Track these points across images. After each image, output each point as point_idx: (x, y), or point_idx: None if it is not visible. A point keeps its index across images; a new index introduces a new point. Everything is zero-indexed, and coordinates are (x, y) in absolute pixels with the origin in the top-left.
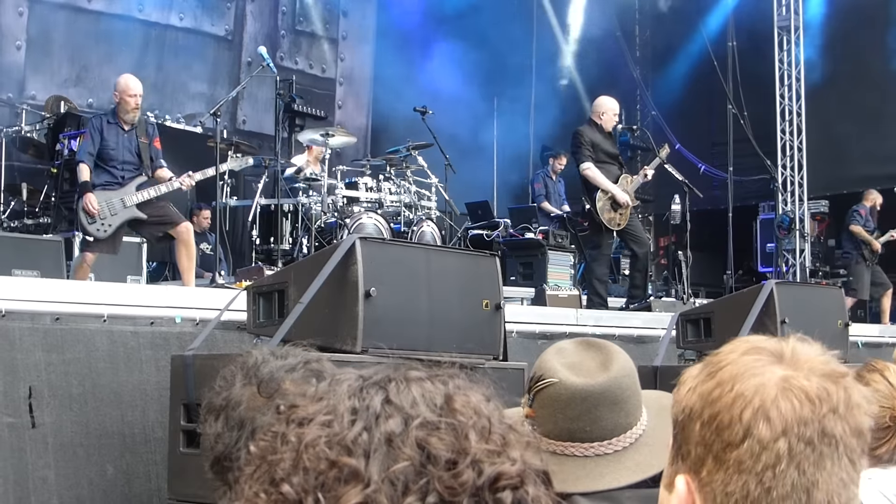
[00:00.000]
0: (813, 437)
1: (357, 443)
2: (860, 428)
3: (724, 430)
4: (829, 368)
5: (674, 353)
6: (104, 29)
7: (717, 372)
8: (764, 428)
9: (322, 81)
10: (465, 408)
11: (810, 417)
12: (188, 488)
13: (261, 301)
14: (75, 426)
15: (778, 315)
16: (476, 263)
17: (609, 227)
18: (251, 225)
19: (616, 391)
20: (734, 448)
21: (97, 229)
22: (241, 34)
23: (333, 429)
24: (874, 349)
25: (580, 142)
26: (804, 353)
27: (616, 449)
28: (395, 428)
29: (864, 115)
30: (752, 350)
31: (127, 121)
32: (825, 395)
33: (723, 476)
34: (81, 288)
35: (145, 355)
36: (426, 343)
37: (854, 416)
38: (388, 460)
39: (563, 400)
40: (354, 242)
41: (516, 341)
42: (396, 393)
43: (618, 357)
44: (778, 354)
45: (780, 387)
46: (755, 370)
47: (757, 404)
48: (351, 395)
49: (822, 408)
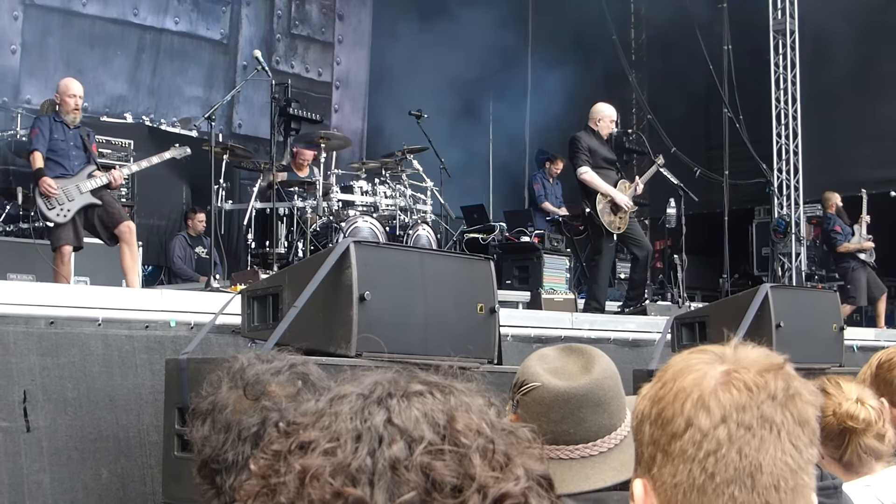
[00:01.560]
0: (752, 422)
1: (361, 470)
2: (803, 416)
3: (668, 424)
4: (768, 362)
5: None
6: (99, 33)
7: (664, 374)
8: (703, 417)
9: (318, 85)
10: (468, 429)
11: (748, 403)
12: (183, 492)
13: (255, 305)
14: (70, 430)
15: (773, 319)
16: (471, 267)
17: (610, 230)
18: (246, 228)
19: (598, 393)
20: (678, 439)
21: (56, 214)
22: (236, 38)
23: (337, 457)
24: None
25: (577, 147)
26: (745, 352)
27: (601, 450)
28: (400, 454)
29: (860, 118)
30: (696, 351)
31: (69, 122)
32: (763, 383)
33: (670, 468)
34: (76, 292)
35: (140, 359)
36: (421, 347)
37: (794, 404)
38: (393, 488)
39: (547, 403)
40: (349, 246)
41: (511, 345)
42: (398, 412)
43: (599, 360)
44: (720, 354)
45: (719, 379)
46: (696, 367)
47: (696, 395)
48: (353, 415)
49: (761, 395)
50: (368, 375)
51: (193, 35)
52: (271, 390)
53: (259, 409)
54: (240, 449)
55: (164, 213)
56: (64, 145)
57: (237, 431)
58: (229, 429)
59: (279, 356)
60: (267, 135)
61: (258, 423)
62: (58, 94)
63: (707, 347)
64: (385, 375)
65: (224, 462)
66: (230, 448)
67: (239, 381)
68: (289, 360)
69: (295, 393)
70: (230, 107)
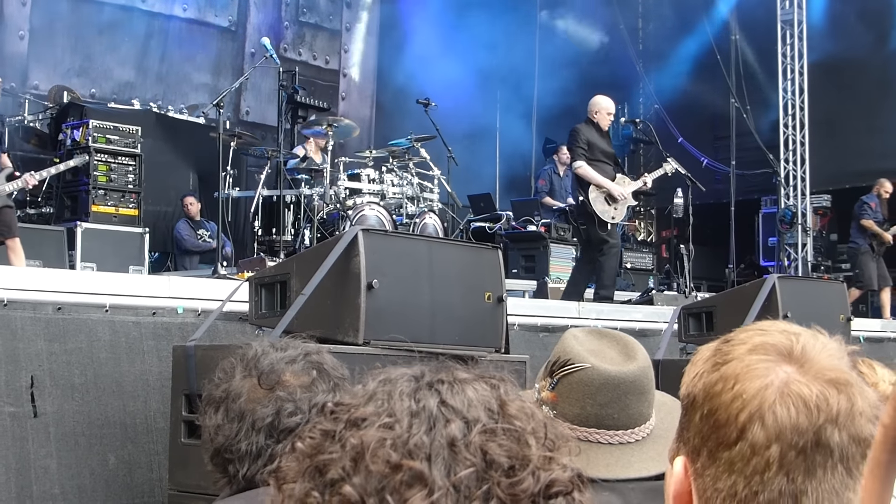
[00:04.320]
0: (806, 446)
1: (419, 446)
2: (862, 435)
3: (720, 428)
4: (835, 375)
5: (676, 346)
6: (107, 19)
7: (723, 365)
8: (758, 432)
9: (325, 73)
10: (521, 412)
11: (806, 427)
12: (189, 479)
13: (263, 292)
14: (77, 416)
15: (780, 309)
16: (478, 256)
17: (603, 219)
18: (253, 216)
19: (644, 380)
20: (727, 448)
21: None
22: (244, 25)
23: (395, 431)
24: (876, 344)
25: (576, 140)
26: (813, 354)
27: (637, 438)
28: (457, 433)
29: (866, 109)
30: (760, 348)
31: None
32: (824, 404)
33: (714, 472)
34: (84, 278)
35: (147, 346)
36: (428, 335)
37: (854, 424)
38: (451, 464)
39: (596, 385)
40: (357, 234)
41: (518, 334)
42: (451, 395)
43: (639, 347)
44: (786, 353)
45: (779, 391)
46: (758, 371)
47: (754, 407)
48: (407, 395)
49: (820, 418)
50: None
51: (201, 22)
52: (286, 380)
53: (274, 399)
54: (253, 439)
55: (171, 199)
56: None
57: (251, 421)
58: (243, 418)
59: (293, 344)
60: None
61: (273, 413)
62: None
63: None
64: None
65: (237, 452)
66: (244, 438)
67: (253, 370)
68: (303, 348)
69: (309, 383)
70: (238, 94)
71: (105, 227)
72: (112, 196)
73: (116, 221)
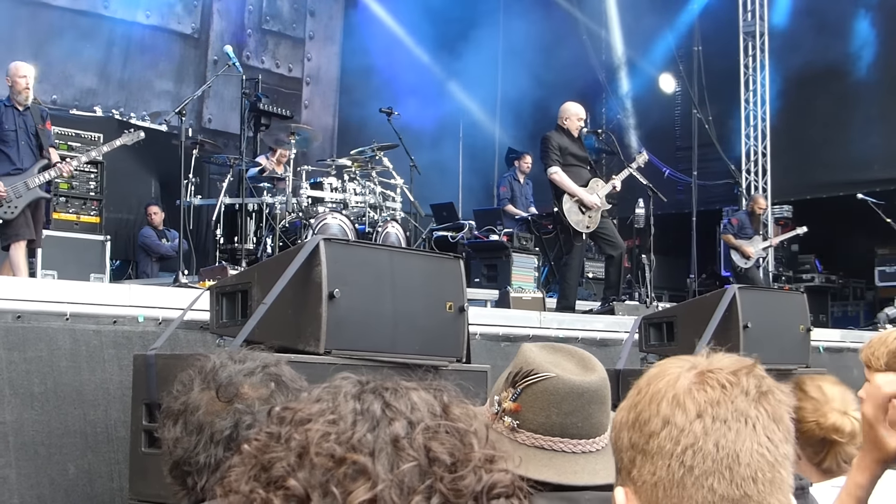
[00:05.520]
0: (727, 415)
1: (363, 442)
2: (777, 413)
3: (645, 425)
4: (740, 363)
5: (636, 356)
6: (69, 25)
7: (639, 383)
8: (680, 414)
9: (288, 81)
10: (463, 414)
11: (722, 399)
12: (150, 488)
13: (224, 301)
14: (37, 425)
15: (740, 319)
16: (440, 265)
17: (577, 229)
18: (215, 224)
19: (604, 391)
20: (655, 437)
21: (4, 212)
22: (207, 32)
23: (339, 427)
24: (836, 354)
25: (548, 147)
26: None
27: (599, 447)
28: (400, 431)
29: (828, 121)
30: (671, 360)
31: (20, 102)
32: (735, 380)
33: (649, 466)
34: (44, 286)
35: (108, 354)
36: (390, 345)
37: (768, 400)
38: (394, 461)
39: (560, 394)
40: (318, 243)
41: (479, 343)
42: (395, 399)
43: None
44: (693, 361)
45: (693, 380)
46: (670, 371)
47: (671, 395)
48: (352, 397)
49: (734, 391)
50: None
51: (164, 29)
52: (244, 392)
53: (232, 411)
54: (212, 451)
55: (133, 207)
56: (13, 135)
57: (209, 434)
58: (202, 431)
59: (252, 355)
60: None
61: (231, 425)
62: (8, 76)
63: (681, 357)
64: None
65: (196, 464)
66: (202, 450)
67: (212, 383)
68: (262, 360)
69: (268, 395)
70: (200, 101)
71: (66, 234)
72: (73, 203)
73: (78, 229)
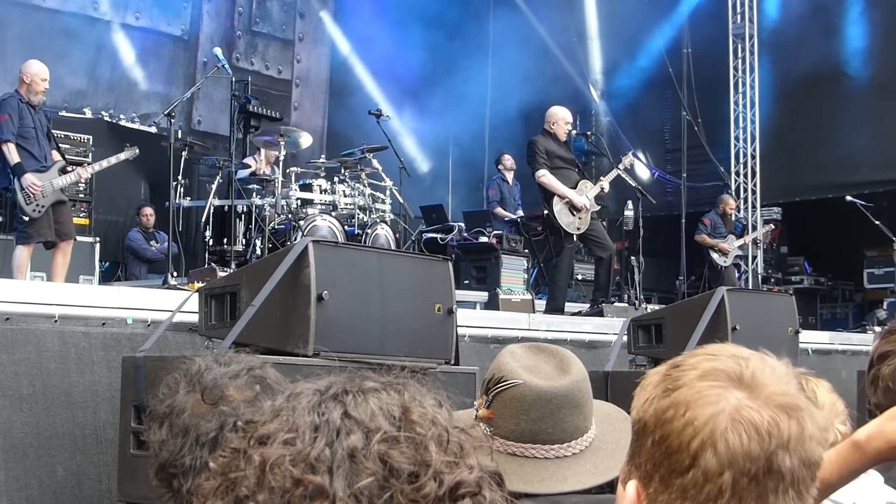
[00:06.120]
0: (758, 473)
1: (320, 459)
2: (812, 459)
3: (672, 455)
4: (785, 400)
5: (625, 358)
6: (59, 27)
7: (674, 392)
8: (710, 459)
9: (278, 83)
10: (423, 419)
11: (758, 453)
12: (138, 490)
13: (213, 303)
14: (25, 427)
15: (729, 322)
16: (429, 268)
17: (568, 231)
18: (204, 226)
19: (577, 394)
20: (680, 475)
21: (33, 210)
22: (197, 34)
23: (296, 446)
24: (824, 356)
25: (534, 151)
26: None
27: (574, 452)
28: (357, 443)
29: (817, 123)
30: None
31: (34, 102)
32: (776, 430)
33: (667, 498)
34: (32, 288)
35: (97, 356)
36: (378, 347)
37: (804, 448)
38: (352, 476)
39: (528, 401)
40: (307, 246)
41: (468, 345)
42: (354, 406)
43: (574, 361)
44: (736, 378)
45: (730, 418)
46: (709, 398)
47: (706, 435)
48: (310, 410)
49: (771, 444)
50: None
51: (154, 31)
52: (229, 395)
53: (217, 413)
54: (197, 454)
55: (122, 209)
56: (33, 131)
57: (195, 436)
58: (187, 433)
59: (237, 358)
60: (226, 132)
61: (216, 428)
62: (27, 74)
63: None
64: (339, 376)
65: (181, 466)
66: (188, 452)
67: (197, 386)
68: (246, 362)
69: (253, 397)
70: (190, 103)
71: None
72: None
73: None
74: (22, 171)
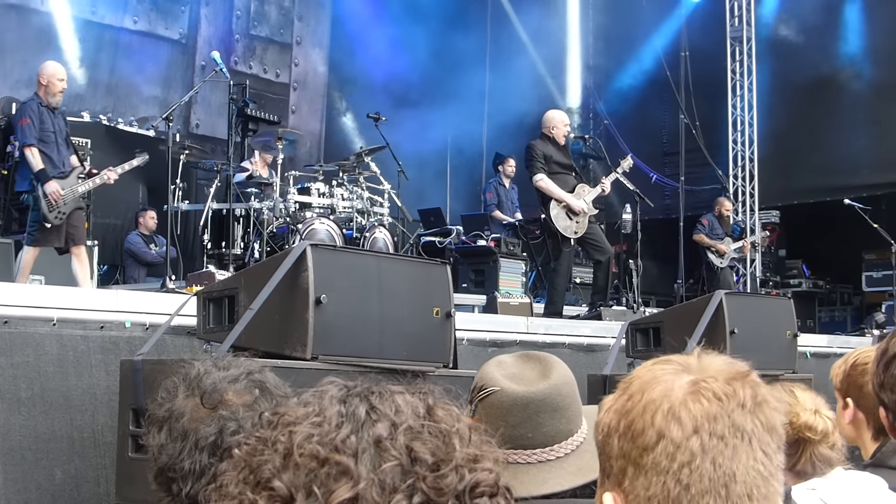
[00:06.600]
0: (724, 431)
1: (346, 443)
2: (772, 423)
3: (638, 437)
4: (734, 370)
5: (623, 361)
6: (57, 30)
7: (629, 387)
8: (675, 428)
9: (276, 86)
10: (447, 416)
11: (719, 413)
12: (136, 493)
13: (211, 307)
14: (23, 430)
15: (727, 325)
16: (427, 271)
17: (566, 235)
18: (203, 229)
19: (556, 398)
20: (650, 451)
21: (55, 216)
22: (195, 38)
23: (323, 429)
24: (823, 359)
25: (532, 155)
26: (709, 361)
27: (558, 455)
28: (383, 432)
29: (815, 126)
30: (660, 362)
31: (53, 104)
32: (731, 392)
33: (643, 480)
34: (31, 291)
35: (95, 359)
36: (377, 350)
37: (763, 411)
38: (376, 460)
39: (505, 407)
40: (305, 249)
41: (467, 349)
42: (380, 402)
43: (557, 367)
44: (685, 364)
45: (687, 390)
46: (662, 378)
47: (666, 407)
48: (338, 401)
49: (730, 403)
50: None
51: (152, 34)
52: (228, 399)
53: (216, 418)
54: (197, 458)
55: (121, 212)
56: (52, 136)
57: (194, 440)
58: (186, 437)
59: (236, 362)
60: (224, 135)
61: (215, 432)
62: (44, 76)
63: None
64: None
65: (181, 470)
66: (187, 456)
67: (196, 390)
68: (246, 366)
69: (252, 401)
70: (188, 107)
71: None
72: None
73: None
74: (46, 179)
